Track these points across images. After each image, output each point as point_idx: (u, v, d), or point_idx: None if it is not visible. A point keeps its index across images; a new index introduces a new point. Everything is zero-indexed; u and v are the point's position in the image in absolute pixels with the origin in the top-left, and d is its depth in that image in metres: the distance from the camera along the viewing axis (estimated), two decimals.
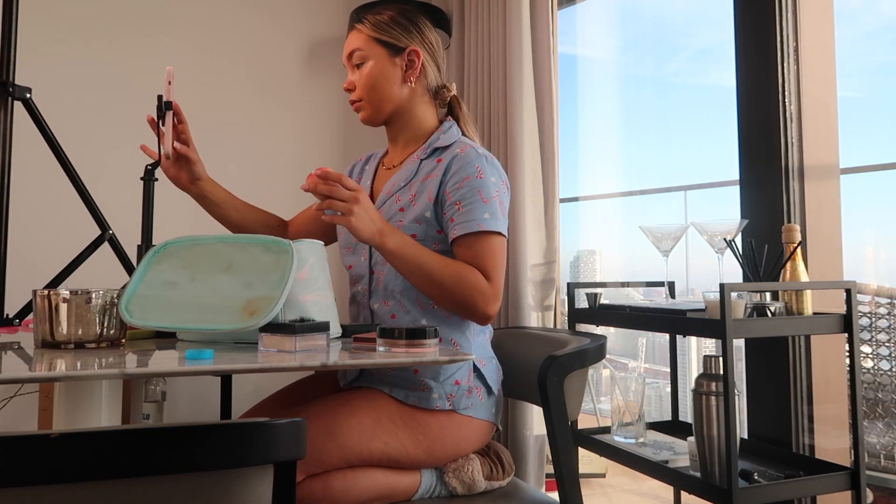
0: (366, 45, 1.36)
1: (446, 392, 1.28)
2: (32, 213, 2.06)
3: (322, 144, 2.58)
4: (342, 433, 1.18)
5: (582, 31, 2.61)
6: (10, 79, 1.51)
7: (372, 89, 1.36)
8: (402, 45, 1.36)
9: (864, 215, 1.76)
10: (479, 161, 1.29)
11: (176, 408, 2.12)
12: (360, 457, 1.20)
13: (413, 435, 1.24)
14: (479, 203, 1.26)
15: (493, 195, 1.28)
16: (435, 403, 1.26)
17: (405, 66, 1.36)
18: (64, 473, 0.59)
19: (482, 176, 1.28)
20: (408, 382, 1.28)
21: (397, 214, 1.33)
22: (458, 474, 1.27)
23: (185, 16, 2.38)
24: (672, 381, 1.84)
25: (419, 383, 1.27)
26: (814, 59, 1.71)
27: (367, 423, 1.21)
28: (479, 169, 1.28)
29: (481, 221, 1.25)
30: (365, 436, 1.20)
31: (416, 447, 1.24)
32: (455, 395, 1.28)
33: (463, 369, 1.30)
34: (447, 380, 1.28)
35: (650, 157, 2.60)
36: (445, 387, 1.28)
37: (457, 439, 1.28)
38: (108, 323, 1.04)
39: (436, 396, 1.27)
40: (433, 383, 1.27)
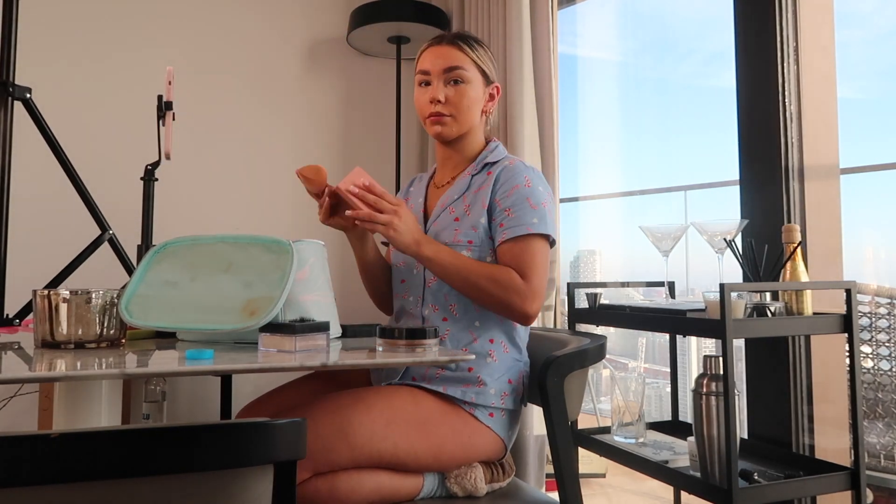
0: (470, 67, 1.41)
1: (500, 390, 1.31)
2: (32, 213, 2.06)
3: (321, 145, 2.58)
4: (354, 432, 1.17)
5: (582, 31, 2.61)
6: (10, 79, 1.51)
7: (467, 111, 1.41)
8: (493, 79, 1.45)
9: (864, 215, 1.76)
10: (528, 172, 1.36)
11: (176, 408, 2.12)
12: (369, 458, 1.19)
13: (425, 437, 1.23)
14: (528, 209, 1.32)
15: (541, 202, 1.33)
16: (490, 400, 1.29)
17: (488, 97, 1.44)
18: (64, 473, 0.59)
19: (530, 185, 1.34)
20: (461, 381, 1.29)
21: (452, 224, 1.37)
22: (459, 480, 1.27)
23: (185, 16, 2.38)
24: (672, 381, 1.84)
25: (475, 380, 1.29)
26: (814, 59, 1.71)
27: (379, 423, 1.20)
28: (528, 178, 1.35)
29: (530, 225, 1.31)
30: (376, 436, 1.19)
31: (425, 451, 1.23)
32: (508, 393, 1.32)
33: (513, 369, 1.34)
34: (502, 377, 1.32)
35: (650, 157, 2.60)
36: (500, 384, 1.31)
37: (466, 446, 1.27)
38: (108, 323, 1.04)
39: (492, 392, 1.30)
40: (489, 380, 1.30)
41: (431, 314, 1.36)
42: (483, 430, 1.29)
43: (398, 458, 1.21)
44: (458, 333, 1.34)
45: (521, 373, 1.37)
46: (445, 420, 1.26)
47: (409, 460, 1.23)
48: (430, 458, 1.24)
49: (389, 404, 1.23)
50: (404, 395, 1.26)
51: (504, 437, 1.33)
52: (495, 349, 1.34)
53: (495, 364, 1.32)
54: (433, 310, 1.36)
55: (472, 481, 1.27)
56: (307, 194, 1.32)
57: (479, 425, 1.29)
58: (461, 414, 1.28)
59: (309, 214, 2.51)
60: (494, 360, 1.32)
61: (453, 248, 1.33)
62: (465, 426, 1.28)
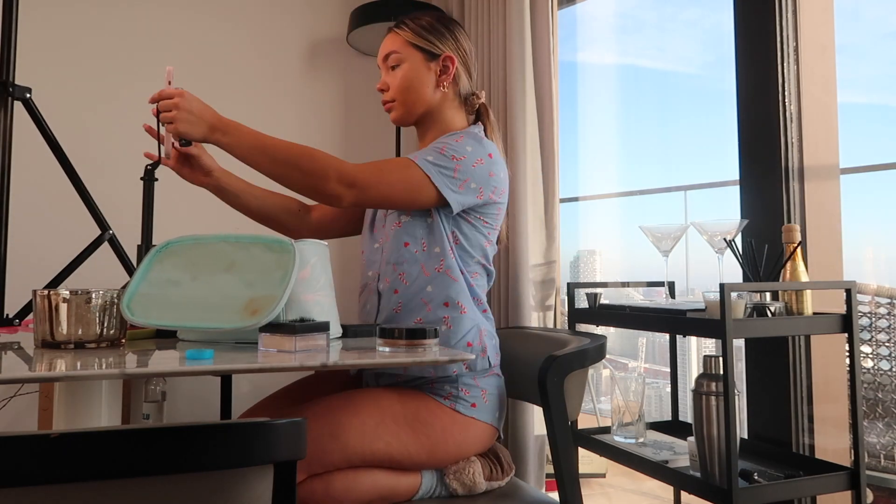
0: (403, 49, 1.40)
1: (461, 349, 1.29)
2: (32, 213, 2.06)
3: (323, 143, 2.58)
4: (345, 433, 1.18)
5: (582, 31, 2.61)
6: (10, 79, 1.51)
7: (406, 91, 1.40)
8: (438, 51, 1.40)
9: (864, 215, 1.76)
10: (466, 133, 1.34)
11: (176, 408, 2.12)
12: (363, 457, 1.20)
13: (415, 436, 1.24)
14: (435, 152, 1.28)
15: (453, 155, 1.28)
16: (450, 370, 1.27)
17: (439, 71, 1.40)
18: (64, 473, 0.59)
19: (459, 140, 1.31)
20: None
21: None
22: (458, 476, 1.27)
23: (185, 16, 2.38)
24: (672, 381, 1.84)
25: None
26: (814, 59, 1.71)
27: (369, 424, 1.21)
28: (461, 136, 1.32)
29: (418, 157, 1.27)
30: (367, 436, 1.20)
31: (418, 448, 1.24)
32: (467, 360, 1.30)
33: (471, 331, 1.31)
34: (459, 342, 1.30)
35: (650, 157, 2.60)
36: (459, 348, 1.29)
37: (459, 441, 1.27)
38: (109, 323, 1.04)
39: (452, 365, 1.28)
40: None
41: (385, 288, 1.34)
42: (470, 423, 1.29)
43: (392, 456, 1.22)
44: (410, 304, 1.31)
45: (482, 331, 1.33)
46: (433, 419, 1.26)
47: (404, 458, 1.23)
48: (424, 455, 1.25)
49: (377, 405, 1.24)
50: (391, 396, 1.27)
51: (492, 422, 1.32)
52: (451, 313, 1.30)
53: (450, 332, 1.29)
54: (385, 283, 1.34)
55: (471, 476, 1.27)
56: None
57: (465, 419, 1.28)
58: (445, 411, 1.28)
59: None
60: (449, 328, 1.30)
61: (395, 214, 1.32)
62: (454, 423, 1.28)
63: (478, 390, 1.31)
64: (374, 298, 1.38)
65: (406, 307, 1.32)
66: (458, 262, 1.32)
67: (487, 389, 1.32)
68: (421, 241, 1.32)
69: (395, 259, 1.33)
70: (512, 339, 1.55)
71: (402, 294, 1.32)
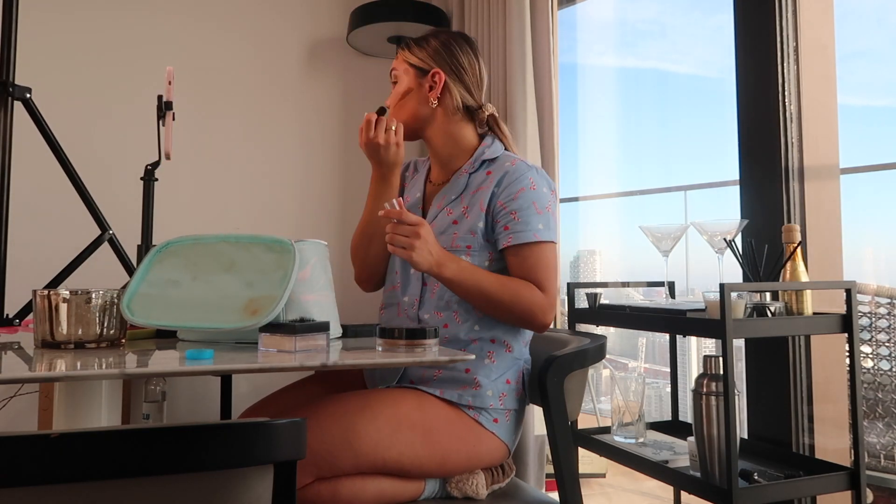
0: (400, 66, 1.45)
1: (498, 391, 1.30)
2: (32, 213, 2.06)
3: (323, 143, 2.58)
4: (359, 440, 1.17)
5: (582, 31, 2.61)
6: (10, 79, 1.51)
7: (399, 107, 1.44)
8: (427, 67, 1.42)
9: (864, 215, 1.76)
10: (531, 173, 1.35)
11: (176, 408, 2.12)
12: (373, 465, 1.19)
13: (430, 446, 1.23)
14: (534, 213, 1.31)
15: (545, 206, 1.33)
16: (488, 402, 1.29)
17: (429, 86, 1.42)
18: (64, 473, 0.59)
19: (535, 187, 1.34)
20: (457, 382, 1.29)
21: (450, 228, 1.36)
22: (460, 486, 1.27)
23: (186, 16, 2.38)
24: (672, 381, 1.84)
25: (471, 381, 1.29)
26: (814, 59, 1.71)
27: (385, 432, 1.19)
28: (532, 181, 1.34)
29: (536, 232, 1.30)
30: (381, 445, 1.18)
31: (429, 458, 1.23)
32: (506, 394, 1.31)
33: (512, 369, 1.34)
34: (499, 378, 1.31)
35: (650, 157, 2.60)
36: (497, 385, 1.30)
37: (471, 454, 1.27)
38: (108, 323, 1.04)
39: (489, 394, 1.29)
40: (486, 381, 1.29)
41: (433, 319, 1.35)
42: (487, 437, 1.28)
43: (402, 465, 1.21)
44: (459, 336, 1.33)
45: (521, 371, 1.36)
46: (451, 427, 1.25)
47: (413, 468, 1.22)
48: (434, 466, 1.24)
49: (395, 411, 1.22)
50: (410, 400, 1.25)
51: (508, 443, 1.32)
52: (495, 350, 1.33)
53: (493, 365, 1.31)
54: (435, 315, 1.35)
55: (474, 487, 1.27)
56: (308, 194, 1.32)
57: (483, 431, 1.28)
58: (466, 420, 1.27)
59: (311, 214, 2.52)
60: (493, 362, 1.32)
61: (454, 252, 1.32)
62: (470, 433, 1.27)
63: (504, 408, 1.31)
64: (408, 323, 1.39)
65: (452, 339, 1.33)
66: None
67: (513, 410, 1.33)
68: None
69: (451, 297, 1.34)
70: None
71: (450, 329, 1.34)
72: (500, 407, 1.30)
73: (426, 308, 1.36)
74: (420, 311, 1.37)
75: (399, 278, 1.42)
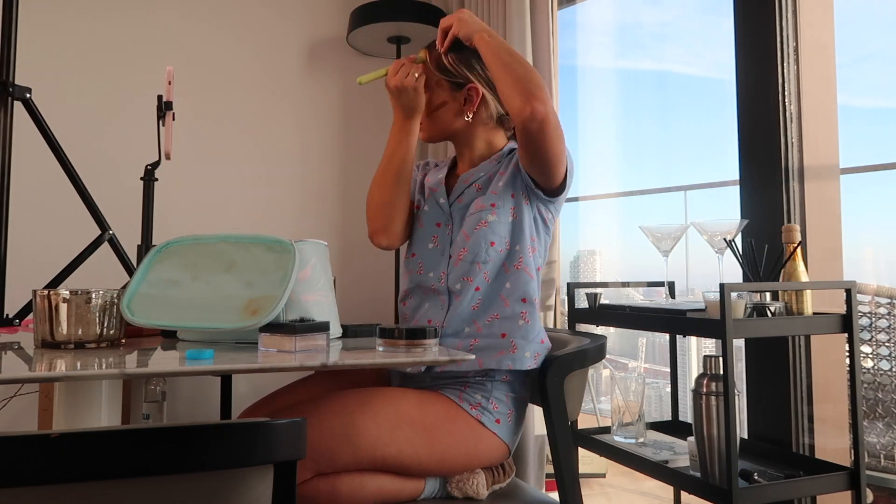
0: (431, 75, 1.43)
1: (534, 351, 1.31)
2: (32, 213, 2.06)
3: (321, 145, 2.58)
4: (359, 436, 1.17)
5: (582, 31, 2.61)
6: (10, 79, 1.51)
7: (432, 117, 1.44)
8: (462, 82, 1.42)
9: (864, 215, 1.76)
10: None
11: (176, 408, 2.12)
12: (373, 462, 1.19)
13: (429, 443, 1.23)
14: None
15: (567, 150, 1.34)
16: (527, 363, 1.29)
17: (464, 100, 1.42)
18: (64, 473, 0.59)
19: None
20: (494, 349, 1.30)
21: (475, 194, 1.39)
22: (461, 486, 1.27)
23: (186, 16, 2.38)
24: (672, 381, 1.84)
25: (509, 345, 1.29)
26: (814, 59, 1.71)
27: (385, 428, 1.19)
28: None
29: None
30: (381, 441, 1.19)
31: (429, 455, 1.23)
32: (540, 353, 1.31)
33: (542, 330, 1.35)
34: (535, 338, 1.32)
35: (650, 158, 2.60)
36: (534, 346, 1.31)
37: (471, 453, 1.27)
38: (108, 323, 1.04)
39: (527, 355, 1.30)
40: (522, 342, 1.30)
41: (465, 286, 1.35)
42: (488, 436, 1.28)
43: (402, 462, 1.21)
44: (490, 300, 1.33)
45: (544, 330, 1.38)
46: (451, 426, 1.26)
47: (413, 465, 1.22)
48: (434, 463, 1.24)
49: (396, 409, 1.22)
50: (411, 398, 1.26)
51: (509, 443, 1.32)
52: (528, 308, 1.33)
53: (528, 326, 1.32)
54: (467, 281, 1.35)
55: (474, 486, 1.27)
56: (308, 194, 1.32)
57: (484, 431, 1.28)
58: (467, 419, 1.27)
59: (311, 214, 2.52)
60: (527, 322, 1.32)
61: (478, 214, 1.35)
62: (472, 433, 1.27)
63: (506, 408, 1.31)
64: (436, 299, 1.39)
65: (485, 302, 1.34)
66: (532, 259, 1.36)
67: (514, 411, 1.33)
68: (505, 240, 1.35)
69: (479, 258, 1.34)
70: None
71: (483, 291, 1.34)
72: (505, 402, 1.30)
73: (454, 278, 1.36)
74: (448, 282, 1.37)
75: (419, 259, 1.42)
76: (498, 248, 1.34)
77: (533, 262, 1.36)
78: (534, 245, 1.37)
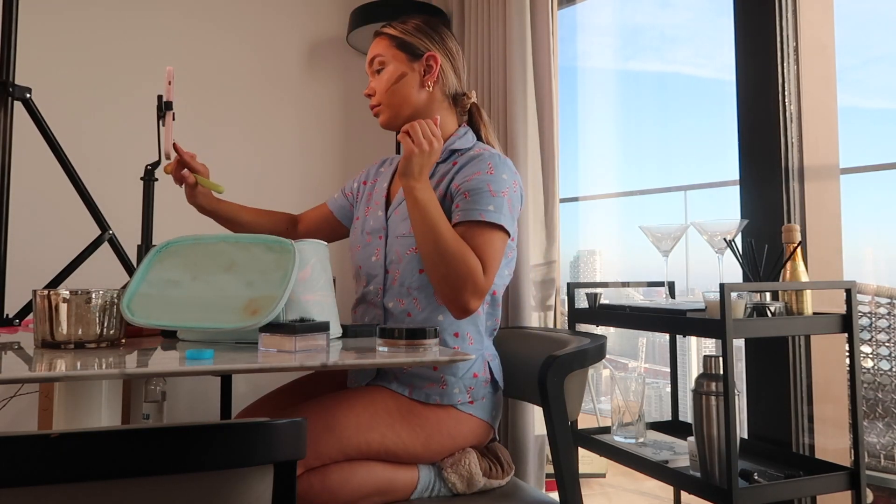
0: (387, 51, 1.39)
1: (465, 385, 1.30)
2: (32, 213, 2.06)
3: (323, 143, 2.58)
4: (339, 426, 1.19)
5: (582, 31, 2.61)
6: (10, 79, 1.51)
7: (391, 93, 1.39)
8: (421, 51, 1.38)
9: (864, 215, 1.76)
10: (493, 159, 1.31)
11: (176, 408, 2.12)
12: (358, 449, 1.21)
13: (410, 428, 1.25)
14: (487, 195, 1.26)
15: (501, 190, 1.28)
16: (457, 398, 1.29)
17: (423, 70, 1.38)
18: (64, 473, 0.59)
19: (493, 172, 1.29)
20: (425, 381, 1.29)
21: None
22: (455, 468, 1.28)
23: (186, 16, 2.38)
24: (672, 381, 1.84)
25: (438, 380, 1.29)
26: (814, 59, 1.71)
27: (364, 417, 1.22)
28: (491, 165, 1.30)
29: (484, 212, 1.25)
30: (362, 428, 1.21)
31: (412, 440, 1.25)
32: (474, 387, 1.31)
33: (478, 362, 1.33)
34: (466, 374, 1.31)
35: (650, 157, 2.60)
36: (465, 381, 1.30)
37: (453, 434, 1.29)
38: (108, 323, 1.04)
39: (456, 391, 1.29)
40: (452, 379, 1.29)
41: (396, 307, 1.34)
42: (465, 418, 1.30)
43: (387, 447, 1.23)
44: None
45: (486, 361, 1.35)
46: (428, 412, 1.28)
47: (399, 450, 1.24)
48: (420, 446, 1.26)
49: (371, 400, 1.26)
50: (384, 392, 1.28)
51: (489, 420, 1.34)
52: (460, 343, 1.32)
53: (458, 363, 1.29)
54: (398, 303, 1.33)
55: (467, 466, 1.28)
56: (308, 193, 1.32)
57: (460, 414, 1.30)
58: (443, 406, 1.29)
59: None
60: None
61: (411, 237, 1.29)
62: (448, 416, 1.29)
63: (479, 392, 1.32)
64: (376, 312, 1.38)
65: None
66: None
67: (489, 390, 1.34)
68: None
69: (410, 283, 1.32)
70: (512, 339, 1.55)
71: (414, 318, 1.33)
72: (466, 401, 1.30)
73: (390, 296, 1.35)
74: (384, 298, 1.36)
75: (364, 272, 1.41)
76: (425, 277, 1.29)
77: None
78: None
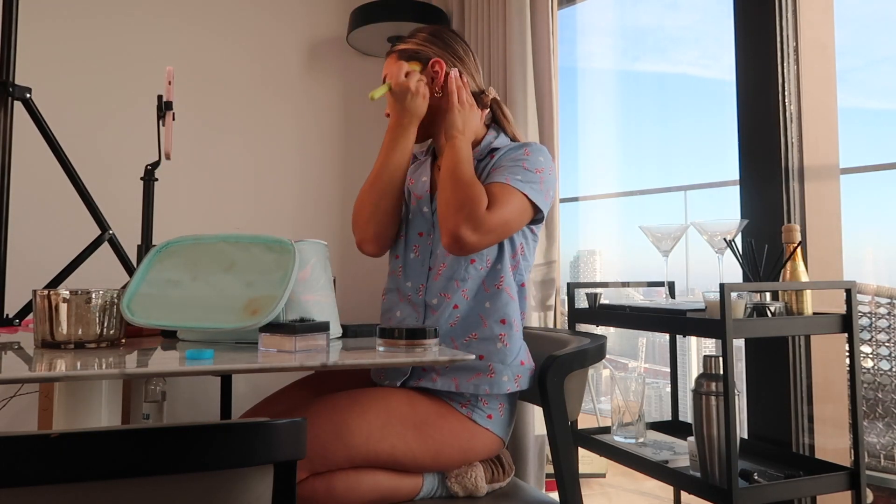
0: (395, 66, 1.40)
1: (514, 373, 1.30)
2: (32, 213, 2.06)
3: (321, 145, 2.58)
4: (350, 433, 1.17)
5: (582, 31, 2.61)
6: (10, 79, 1.51)
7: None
8: (426, 58, 1.41)
9: (864, 215, 1.76)
10: (529, 146, 1.37)
11: (176, 408, 2.12)
12: (366, 458, 1.19)
13: (421, 439, 1.23)
14: (519, 168, 1.31)
15: (535, 168, 1.31)
16: (505, 387, 1.28)
17: (431, 79, 1.41)
18: (64, 473, 0.59)
19: (529, 154, 1.34)
20: (471, 372, 1.28)
21: None
22: (460, 480, 1.27)
23: (186, 16, 2.38)
24: (672, 381, 1.84)
25: (486, 369, 1.28)
26: (814, 59, 1.71)
27: (375, 425, 1.20)
28: (527, 150, 1.35)
29: (511, 178, 1.28)
30: (373, 437, 1.19)
31: (423, 451, 1.23)
32: (521, 375, 1.31)
33: (523, 349, 1.34)
34: (514, 361, 1.31)
35: (650, 158, 2.60)
36: (513, 368, 1.30)
37: (465, 447, 1.27)
38: (108, 323, 1.04)
39: (505, 379, 1.29)
40: (500, 367, 1.29)
41: (442, 302, 1.33)
42: (481, 432, 1.28)
43: (396, 458, 1.21)
44: (468, 319, 1.32)
45: (527, 350, 1.36)
46: (443, 423, 1.26)
47: (408, 461, 1.22)
48: (429, 459, 1.24)
49: (385, 406, 1.23)
50: (400, 397, 1.26)
51: (502, 436, 1.33)
52: (507, 330, 1.31)
53: (506, 349, 1.30)
54: (444, 298, 1.33)
55: (473, 480, 1.27)
56: (308, 194, 1.32)
57: (476, 427, 1.28)
58: (458, 416, 1.27)
59: (310, 214, 2.51)
60: (506, 346, 1.30)
61: None
62: (463, 429, 1.27)
63: (496, 402, 1.31)
64: (411, 310, 1.37)
65: (462, 321, 1.32)
66: (514, 279, 1.35)
67: (505, 404, 1.32)
68: (486, 258, 1.33)
69: (458, 276, 1.33)
70: None
71: (461, 309, 1.32)
72: (495, 397, 1.30)
73: (432, 293, 1.35)
74: (426, 296, 1.36)
75: (400, 263, 1.41)
76: (478, 265, 1.33)
77: (515, 280, 1.34)
78: (516, 262, 1.35)
